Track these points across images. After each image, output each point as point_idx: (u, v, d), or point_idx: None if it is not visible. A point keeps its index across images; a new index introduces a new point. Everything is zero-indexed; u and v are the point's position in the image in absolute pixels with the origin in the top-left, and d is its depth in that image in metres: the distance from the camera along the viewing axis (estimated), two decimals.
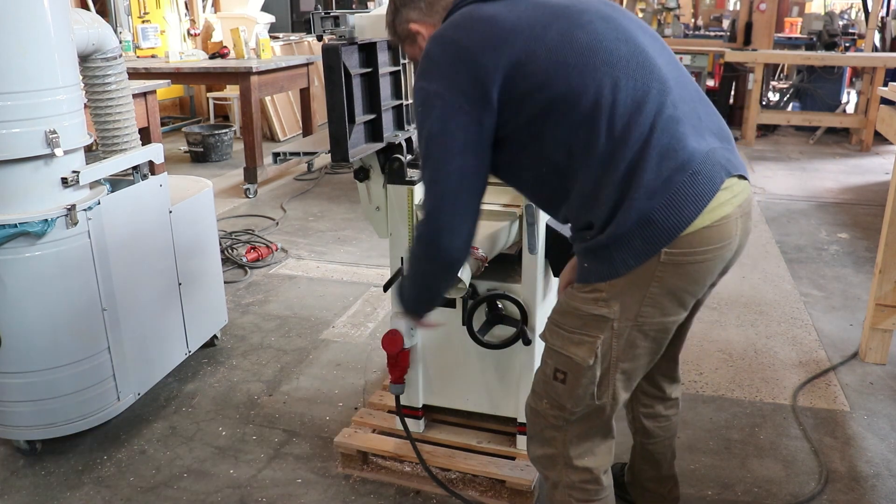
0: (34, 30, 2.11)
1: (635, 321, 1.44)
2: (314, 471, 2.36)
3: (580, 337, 1.48)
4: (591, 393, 1.52)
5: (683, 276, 1.41)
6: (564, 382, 1.52)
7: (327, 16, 2.08)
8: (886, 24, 8.01)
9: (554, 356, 1.54)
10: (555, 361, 1.54)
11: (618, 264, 1.39)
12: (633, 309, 1.43)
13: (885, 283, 2.95)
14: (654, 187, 1.34)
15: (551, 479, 1.66)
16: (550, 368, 1.55)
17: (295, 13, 10.46)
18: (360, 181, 2.18)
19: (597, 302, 1.44)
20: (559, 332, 1.52)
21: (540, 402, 1.60)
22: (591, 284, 1.44)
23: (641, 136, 1.35)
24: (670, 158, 1.35)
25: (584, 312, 1.47)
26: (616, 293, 1.42)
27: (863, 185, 5.94)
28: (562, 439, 1.60)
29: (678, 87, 1.43)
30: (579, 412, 1.55)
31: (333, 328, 3.37)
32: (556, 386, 1.54)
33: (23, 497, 2.25)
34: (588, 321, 1.46)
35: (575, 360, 1.49)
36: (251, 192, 5.58)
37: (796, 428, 2.58)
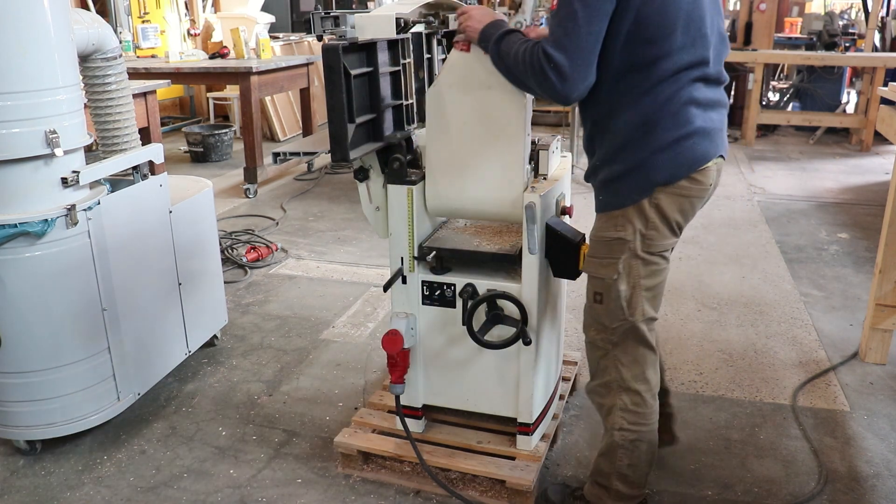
0: (34, 30, 2.11)
1: (642, 242, 1.80)
2: (314, 471, 2.36)
3: (608, 260, 1.84)
4: (622, 307, 1.85)
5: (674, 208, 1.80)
6: (601, 302, 1.88)
7: (327, 16, 2.08)
8: (886, 24, 8.01)
9: (592, 282, 1.91)
10: (593, 286, 1.90)
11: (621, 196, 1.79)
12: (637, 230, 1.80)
13: (885, 283, 2.96)
14: (666, 143, 1.74)
15: (606, 406, 1.95)
16: (591, 293, 1.91)
17: (295, 13, 10.45)
18: (360, 181, 2.18)
19: (616, 227, 1.81)
20: (592, 260, 1.89)
21: (589, 331, 1.95)
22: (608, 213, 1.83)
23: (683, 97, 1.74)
24: (683, 126, 1.75)
25: (609, 238, 1.83)
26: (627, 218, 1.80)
27: (863, 185, 5.94)
28: (614, 364, 1.91)
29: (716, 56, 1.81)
30: (619, 330, 1.88)
31: (333, 328, 3.37)
32: (596, 308, 1.90)
33: (23, 497, 2.25)
34: (612, 245, 1.82)
35: (605, 279, 1.85)
36: (251, 192, 5.58)
37: (796, 428, 2.58)
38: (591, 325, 1.94)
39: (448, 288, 2.16)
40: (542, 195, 1.99)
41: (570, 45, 1.66)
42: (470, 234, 2.24)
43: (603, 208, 1.85)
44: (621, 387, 1.91)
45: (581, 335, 3.24)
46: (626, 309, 1.85)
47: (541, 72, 1.69)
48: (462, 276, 2.15)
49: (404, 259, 2.17)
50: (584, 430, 2.57)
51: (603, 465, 2.00)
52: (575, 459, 2.40)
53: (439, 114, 2.04)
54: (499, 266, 2.16)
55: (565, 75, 1.67)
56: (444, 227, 2.32)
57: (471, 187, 2.06)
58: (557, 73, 1.67)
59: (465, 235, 2.24)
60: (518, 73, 1.78)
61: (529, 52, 1.72)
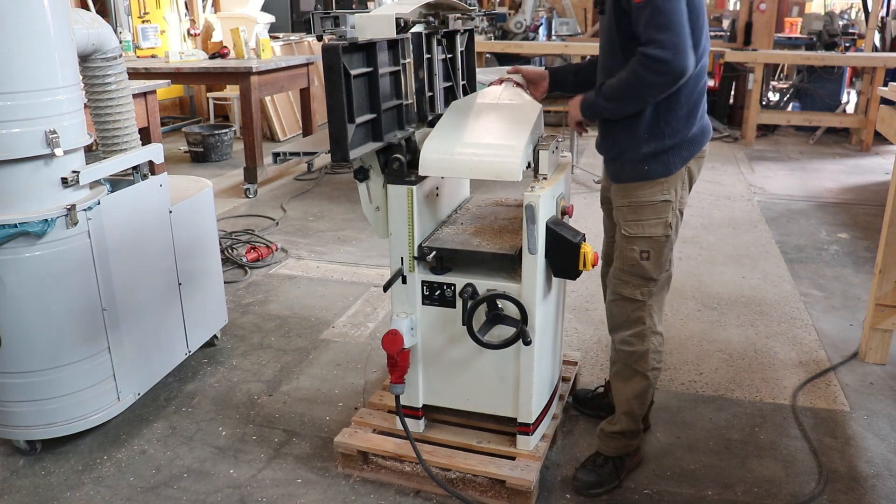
0: (34, 30, 2.11)
1: (679, 201, 2.12)
2: (314, 471, 2.36)
3: (655, 220, 2.10)
4: (669, 259, 2.19)
5: (697, 170, 2.17)
6: (649, 258, 2.13)
7: (327, 16, 2.08)
8: (886, 24, 8.01)
9: (637, 242, 2.12)
10: (639, 246, 2.12)
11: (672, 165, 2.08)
12: (678, 192, 2.11)
13: (885, 283, 2.95)
14: (698, 122, 2.10)
15: (638, 352, 2.20)
16: (636, 253, 2.13)
17: (295, 13, 10.46)
18: (360, 181, 2.18)
19: (662, 192, 2.08)
20: (640, 222, 2.11)
21: (626, 288, 2.17)
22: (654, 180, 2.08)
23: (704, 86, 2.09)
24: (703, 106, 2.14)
25: (657, 201, 2.08)
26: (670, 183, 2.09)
27: (863, 185, 5.94)
28: (648, 313, 2.18)
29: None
30: (660, 280, 2.18)
31: (333, 328, 3.37)
32: (644, 264, 2.13)
33: (23, 497, 2.25)
34: (659, 207, 2.09)
35: (654, 237, 2.11)
36: (251, 192, 5.58)
37: (796, 428, 2.58)
38: (630, 283, 2.16)
39: (448, 288, 2.16)
40: (541, 195, 1.99)
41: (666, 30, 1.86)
42: (470, 234, 2.24)
43: (648, 176, 2.09)
44: (652, 331, 2.19)
45: (581, 335, 3.26)
46: (670, 259, 2.19)
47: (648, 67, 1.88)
48: (462, 276, 2.15)
49: (404, 259, 2.17)
50: (585, 430, 2.57)
51: (636, 409, 2.25)
52: (575, 459, 2.40)
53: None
54: (499, 266, 2.16)
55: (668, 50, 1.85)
56: (443, 227, 2.32)
57: (470, 139, 2.08)
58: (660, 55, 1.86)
59: (465, 235, 2.24)
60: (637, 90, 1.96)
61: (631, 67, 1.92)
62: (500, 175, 2.00)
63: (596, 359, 3.08)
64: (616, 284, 2.20)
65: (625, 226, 2.14)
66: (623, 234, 2.15)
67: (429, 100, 2.33)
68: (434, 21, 2.27)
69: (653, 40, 1.88)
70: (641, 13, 1.89)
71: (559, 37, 9.40)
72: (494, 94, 2.30)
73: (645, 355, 2.20)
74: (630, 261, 2.14)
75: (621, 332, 2.22)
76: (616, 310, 2.22)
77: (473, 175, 2.05)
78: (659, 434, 2.55)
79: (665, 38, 1.86)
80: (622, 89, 1.99)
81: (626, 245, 2.15)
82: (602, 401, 2.62)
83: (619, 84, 1.99)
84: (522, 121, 2.14)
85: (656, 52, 1.87)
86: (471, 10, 2.46)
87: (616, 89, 2.01)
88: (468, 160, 2.03)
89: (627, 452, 2.30)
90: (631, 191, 2.12)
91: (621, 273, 2.18)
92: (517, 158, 1.99)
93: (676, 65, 1.87)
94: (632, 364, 2.22)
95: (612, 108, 2.06)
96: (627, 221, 2.14)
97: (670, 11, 1.86)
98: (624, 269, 2.17)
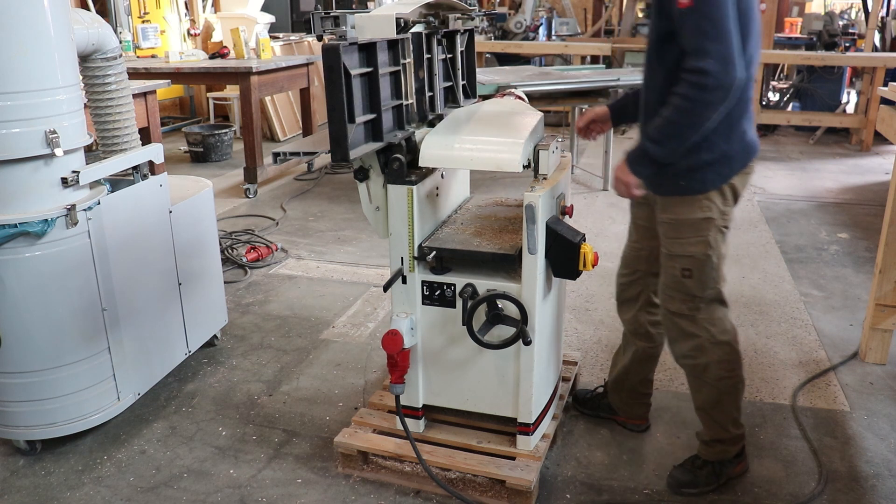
0: (34, 30, 2.11)
1: (722, 217, 2.03)
2: (314, 471, 2.36)
3: (696, 238, 2.02)
4: (713, 277, 2.07)
5: (742, 186, 2.07)
6: (691, 277, 2.06)
7: (327, 16, 2.08)
8: (886, 24, 8.01)
9: (678, 260, 2.07)
10: (681, 263, 2.06)
11: (707, 183, 1.99)
12: (719, 209, 2.02)
13: (885, 283, 2.95)
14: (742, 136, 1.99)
15: (701, 365, 2.15)
16: (677, 270, 2.07)
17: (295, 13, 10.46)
18: (360, 181, 2.18)
19: (702, 208, 2.00)
20: (678, 241, 2.05)
21: (673, 303, 2.12)
22: (692, 196, 2.00)
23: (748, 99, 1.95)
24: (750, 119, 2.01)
25: (696, 219, 2.00)
26: (711, 199, 2.00)
27: (863, 185, 5.94)
28: (702, 327, 2.11)
29: None
30: (706, 297, 2.09)
31: (333, 328, 3.37)
32: (686, 282, 2.07)
33: (23, 497, 2.25)
34: (699, 224, 2.01)
35: (696, 256, 2.04)
36: (251, 192, 5.58)
37: (796, 428, 2.58)
38: (675, 298, 2.11)
39: (448, 288, 2.16)
40: (542, 195, 1.99)
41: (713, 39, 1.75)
42: (470, 235, 2.24)
43: (683, 191, 2.01)
44: (712, 342, 2.13)
45: (581, 335, 3.26)
46: (716, 277, 2.09)
47: (697, 84, 1.77)
48: (462, 276, 2.15)
49: (404, 259, 2.17)
50: (585, 430, 2.57)
51: (717, 418, 2.22)
52: (575, 459, 2.40)
53: None
54: (499, 266, 2.16)
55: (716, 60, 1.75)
56: (444, 227, 2.32)
57: (470, 135, 2.08)
58: (708, 67, 1.75)
59: (465, 235, 2.24)
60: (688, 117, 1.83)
61: (678, 93, 1.81)
62: (501, 166, 2.01)
63: (596, 359, 3.08)
64: (664, 299, 2.17)
65: (666, 243, 2.10)
66: (664, 252, 2.11)
67: (429, 100, 2.33)
68: (434, 21, 2.27)
69: (699, 50, 1.76)
70: (686, 20, 1.77)
71: (559, 37, 9.40)
72: (496, 103, 2.31)
73: (708, 367, 2.15)
74: (673, 278, 2.10)
75: (679, 347, 2.19)
76: (669, 324, 2.18)
77: (473, 166, 2.06)
78: (659, 434, 2.55)
79: (712, 48, 1.74)
80: (671, 123, 1.85)
81: (668, 262, 2.11)
82: (602, 401, 2.62)
83: (667, 118, 1.85)
84: (523, 122, 2.15)
85: (703, 64, 1.75)
86: (471, 10, 2.46)
87: (664, 126, 1.87)
88: (468, 152, 2.04)
89: (727, 458, 2.26)
90: (670, 206, 2.06)
91: (666, 288, 2.14)
92: (517, 150, 1.99)
93: (726, 77, 1.75)
94: (697, 375, 2.19)
95: (667, 152, 1.90)
96: (668, 239, 2.09)
97: (718, 18, 1.74)
98: (669, 284, 2.13)
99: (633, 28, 8.67)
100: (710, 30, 1.75)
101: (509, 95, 2.39)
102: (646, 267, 2.32)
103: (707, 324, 2.12)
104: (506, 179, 5.92)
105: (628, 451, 2.46)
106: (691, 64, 1.78)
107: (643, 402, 2.54)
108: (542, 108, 2.60)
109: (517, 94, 2.40)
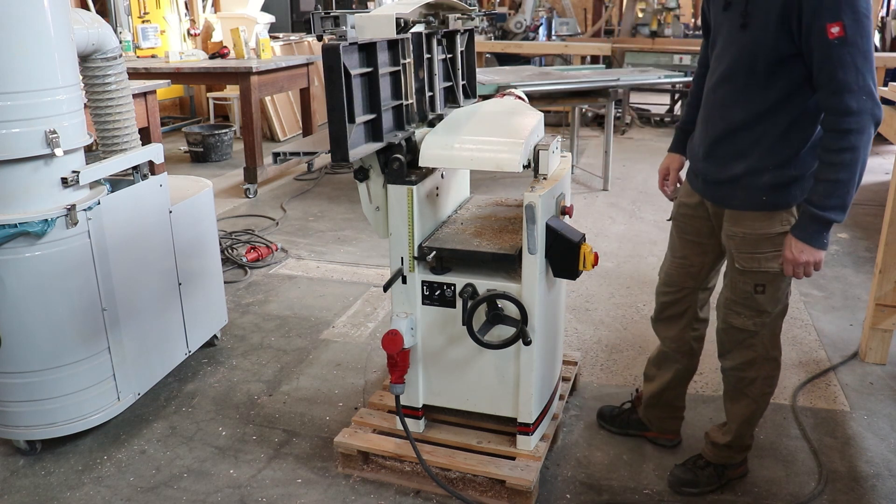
0: (34, 30, 2.11)
1: None
2: (314, 471, 2.36)
3: (773, 253, 1.95)
4: (786, 292, 2.05)
5: None
6: (764, 292, 2.00)
7: (327, 16, 2.08)
8: (886, 24, 8.01)
9: (752, 276, 2.00)
10: (754, 279, 2.00)
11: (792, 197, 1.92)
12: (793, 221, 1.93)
13: (885, 283, 2.95)
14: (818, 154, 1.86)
15: (748, 379, 2.13)
16: (750, 286, 2.01)
17: (295, 13, 10.47)
18: (360, 181, 2.18)
19: (782, 223, 1.93)
20: (754, 256, 1.97)
21: (739, 318, 2.07)
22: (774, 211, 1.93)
23: None
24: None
25: (774, 233, 1.94)
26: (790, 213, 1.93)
27: (863, 185, 5.89)
28: (760, 342, 2.08)
29: None
30: (775, 312, 2.05)
31: (333, 328, 3.37)
32: (758, 298, 2.02)
33: (23, 497, 2.25)
34: (777, 239, 1.94)
35: (772, 271, 1.97)
36: (251, 192, 5.58)
37: (796, 428, 2.58)
38: (743, 314, 2.06)
39: (448, 288, 2.16)
40: (541, 195, 1.99)
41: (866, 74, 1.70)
42: (470, 235, 2.24)
43: (765, 207, 1.94)
44: (765, 358, 2.11)
45: (581, 335, 3.26)
46: (787, 291, 2.06)
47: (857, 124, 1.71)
48: (462, 276, 2.15)
49: (404, 259, 2.17)
50: (585, 430, 2.57)
51: (743, 428, 2.20)
52: (575, 459, 2.41)
53: None
54: (499, 266, 2.16)
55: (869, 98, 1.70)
56: (444, 227, 2.32)
57: (470, 135, 2.08)
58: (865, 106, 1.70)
59: (465, 235, 2.24)
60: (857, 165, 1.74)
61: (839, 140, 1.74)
62: (501, 166, 2.01)
63: (596, 359, 3.08)
64: (727, 314, 2.10)
65: (738, 258, 2.01)
66: (736, 267, 2.02)
67: (429, 100, 2.33)
68: (434, 21, 2.27)
69: (850, 86, 1.67)
70: (834, 52, 1.67)
71: (559, 37, 9.41)
72: (496, 103, 2.31)
73: (754, 382, 2.14)
74: (743, 294, 2.03)
75: (731, 360, 2.15)
76: (726, 338, 2.13)
77: (473, 166, 2.06)
78: None
79: (864, 85, 1.67)
80: (846, 183, 1.74)
81: (739, 277, 2.02)
82: (631, 417, 2.53)
83: (841, 180, 1.74)
84: (523, 122, 2.15)
85: (858, 104, 1.68)
86: (471, 10, 2.46)
87: (841, 190, 1.75)
88: (468, 153, 2.04)
89: (731, 463, 2.27)
90: (745, 220, 1.97)
91: (733, 304, 2.07)
92: (517, 151, 1.99)
93: (879, 112, 1.69)
94: (741, 388, 2.16)
95: (844, 208, 1.79)
96: (741, 254, 2.00)
97: (869, 51, 1.67)
98: (736, 300, 2.06)
99: (632, 28, 8.67)
100: (862, 65, 1.67)
101: (509, 95, 2.39)
102: (694, 283, 2.24)
103: (767, 340, 2.09)
104: (506, 179, 5.92)
105: (628, 451, 2.46)
106: (847, 104, 1.69)
107: (677, 416, 2.48)
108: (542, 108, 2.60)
109: (517, 94, 2.40)
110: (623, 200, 5.43)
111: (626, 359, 3.08)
